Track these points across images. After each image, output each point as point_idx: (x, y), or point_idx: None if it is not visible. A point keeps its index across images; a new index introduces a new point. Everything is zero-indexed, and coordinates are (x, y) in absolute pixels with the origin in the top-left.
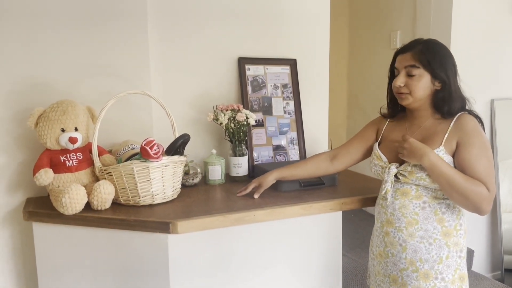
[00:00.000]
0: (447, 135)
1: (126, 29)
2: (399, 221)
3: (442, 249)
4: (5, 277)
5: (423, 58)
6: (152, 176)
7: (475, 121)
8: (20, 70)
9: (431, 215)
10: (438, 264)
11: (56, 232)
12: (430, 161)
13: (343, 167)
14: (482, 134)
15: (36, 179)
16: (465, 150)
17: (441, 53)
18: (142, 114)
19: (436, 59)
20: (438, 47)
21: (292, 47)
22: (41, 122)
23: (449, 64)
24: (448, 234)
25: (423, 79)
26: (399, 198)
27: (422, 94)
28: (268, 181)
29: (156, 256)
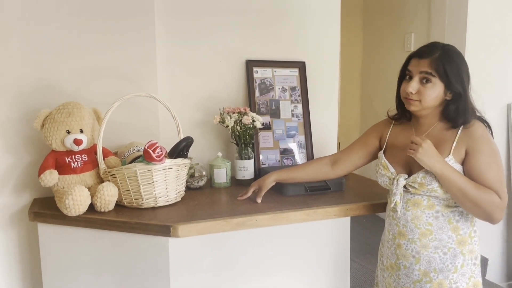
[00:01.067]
0: (455, 143)
1: (134, 32)
2: (412, 233)
3: (457, 257)
4: (12, 276)
5: (440, 68)
6: (155, 178)
7: (483, 127)
8: (28, 72)
9: (445, 224)
10: (453, 273)
11: (60, 232)
12: (442, 168)
13: (344, 172)
14: (490, 140)
15: (41, 180)
16: (474, 158)
17: (458, 63)
18: (149, 117)
19: (454, 70)
20: (455, 56)
21: (301, 49)
22: (47, 123)
23: (464, 75)
24: (463, 242)
25: (437, 88)
26: (411, 209)
27: (432, 104)
28: (267, 183)
29: (157, 259)
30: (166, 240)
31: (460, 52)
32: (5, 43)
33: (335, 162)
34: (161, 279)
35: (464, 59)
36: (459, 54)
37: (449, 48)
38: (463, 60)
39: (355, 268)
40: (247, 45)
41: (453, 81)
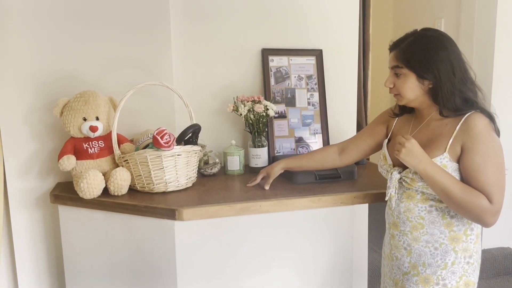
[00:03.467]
0: (452, 140)
1: (150, 23)
2: (404, 225)
3: (449, 254)
4: (38, 252)
5: (404, 57)
6: (165, 164)
7: (485, 122)
8: (51, 63)
9: (438, 219)
10: (442, 269)
11: (78, 214)
12: (426, 169)
13: (351, 161)
14: (489, 138)
15: (60, 164)
16: (468, 158)
17: (427, 49)
18: (165, 105)
19: (419, 58)
20: (424, 42)
21: (318, 37)
22: (65, 111)
23: (438, 60)
24: (456, 239)
25: (409, 79)
26: (404, 201)
27: (412, 95)
28: (275, 171)
29: (164, 241)
30: (172, 223)
31: (437, 37)
32: (29, 35)
33: (342, 150)
34: (167, 260)
35: (439, 43)
36: (432, 39)
37: (420, 34)
38: (437, 45)
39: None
40: (263, 33)
41: (419, 68)
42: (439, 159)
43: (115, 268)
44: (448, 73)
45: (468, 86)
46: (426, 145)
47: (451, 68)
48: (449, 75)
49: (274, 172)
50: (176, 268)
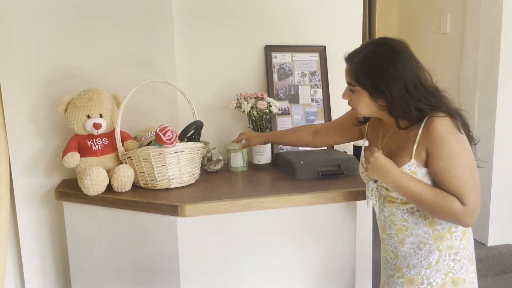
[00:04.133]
0: (416, 146)
1: (152, 20)
2: (390, 229)
3: (433, 253)
4: (43, 249)
5: (355, 76)
6: (168, 161)
7: (444, 123)
8: (56, 61)
9: (420, 219)
10: (426, 269)
11: (82, 210)
12: (394, 180)
13: (322, 145)
14: (450, 139)
15: (64, 161)
16: (433, 162)
17: (377, 68)
18: (169, 102)
19: (369, 77)
20: (373, 61)
21: (322, 34)
22: (70, 109)
23: (388, 79)
24: (440, 238)
25: (362, 97)
26: (387, 206)
27: (368, 111)
28: (255, 141)
29: (166, 237)
30: (174, 219)
31: (386, 53)
32: (34, 34)
33: (316, 133)
34: (170, 255)
35: (389, 60)
36: (382, 56)
37: (370, 50)
38: (387, 63)
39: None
40: (266, 30)
41: (371, 89)
42: (407, 166)
43: (119, 263)
44: (400, 90)
45: (425, 99)
46: (396, 152)
47: (403, 85)
48: (401, 92)
49: (254, 142)
50: (179, 263)
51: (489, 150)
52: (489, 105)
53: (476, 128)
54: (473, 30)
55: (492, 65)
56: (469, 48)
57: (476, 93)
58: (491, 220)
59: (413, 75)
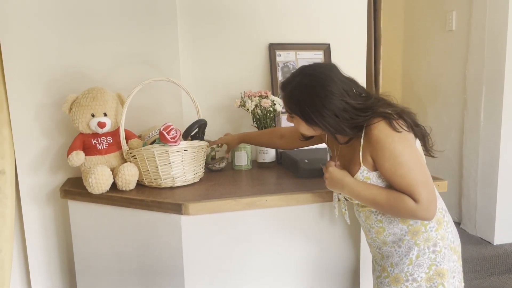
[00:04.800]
0: (361, 153)
1: (157, 19)
2: (370, 232)
3: (411, 249)
4: (49, 248)
5: (288, 106)
6: (172, 159)
7: (380, 127)
8: (61, 60)
9: (393, 218)
10: (408, 265)
11: (87, 209)
12: (350, 191)
13: (290, 147)
14: (387, 141)
15: (69, 160)
16: (379, 166)
17: (304, 103)
18: (173, 101)
19: (299, 111)
20: (299, 96)
21: (326, 31)
22: (74, 108)
23: (316, 111)
24: (416, 232)
25: (300, 123)
26: (361, 211)
27: (310, 133)
28: (233, 144)
29: (171, 235)
30: (178, 218)
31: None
32: (38, 33)
33: (282, 136)
34: (174, 254)
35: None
36: (306, 89)
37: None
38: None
39: None
40: (270, 28)
41: (304, 119)
42: (359, 173)
43: (123, 261)
44: (330, 118)
45: (356, 115)
46: (349, 161)
47: (332, 114)
48: (331, 120)
49: (233, 145)
50: (183, 261)
51: (495, 148)
52: (495, 103)
53: (482, 126)
54: (479, 28)
55: (498, 62)
56: (474, 46)
57: (482, 91)
58: (497, 218)
59: (341, 102)
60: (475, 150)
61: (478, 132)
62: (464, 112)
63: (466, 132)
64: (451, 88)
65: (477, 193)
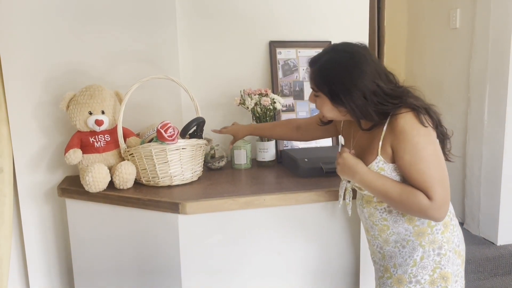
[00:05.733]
0: (381, 142)
1: (156, 16)
2: (373, 229)
3: (416, 250)
4: (48, 246)
5: (316, 83)
6: (169, 158)
7: (407, 117)
8: (59, 58)
9: (399, 217)
10: (411, 267)
11: (84, 207)
12: (361, 180)
13: (305, 139)
14: (413, 133)
15: (66, 158)
16: (398, 157)
17: (335, 78)
18: (172, 99)
19: (328, 87)
20: (331, 70)
21: (327, 29)
22: (72, 105)
23: (346, 89)
24: (421, 234)
25: (325, 103)
26: (366, 206)
27: (332, 115)
28: (240, 135)
29: (168, 234)
30: (175, 217)
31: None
32: (36, 30)
33: (298, 128)
34: (172, 253)
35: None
36: (339, 66)
37: (328, 58)
38: (344, 72)
39: None
40: (270, 25)
41: (331, 98)
42: (375, 163)
43: (121, 260)
44: (359, 99)
45: (385, 101)
46: (365, 150)
47: (361, 95)
48: (360, 101)
49: (240, 136)
50: (180, 261)
51: (499, 147)
52: (499, 101)
53: (486, 125)
54: (483, 25)
55: (502, 60)
56: (478, 43)
57: (486, 89)
58: (500, 218)
59: (372, 84)
60: (479, 149)
61: (482, 131)
62: (467, 110)
63: (469, 131)
64: (454, 86)
65: (480, 193)
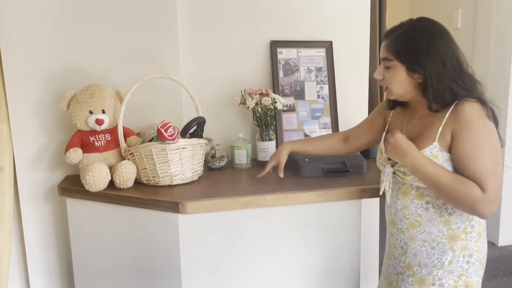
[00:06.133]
0: (441, 128)
1: (156, 15)
2: (401, 223)
3: (446, 253)
4: (48, 246)
5: (395, 49)
6: (170, 157)
7: (475, 107)
8: (59, 57)
9: (435, 216)
10: (438, 269)
11: (84, 207)
12: (412, 162)
13: (354, 149)
14: (479, 123)
15: (66, 157)
16: (458, 145)
17: (418, 40)
18: (173, 98)
19: (409, 50)
20: (415, 33)
21: (328, 28)
22: (72, 104)
23: (429, 54)
24: (454, 238)
25: (398, 72)
26: (401, 198)
27: (402, 89)
28: (282, 156)
29: (168, 234)
30: (176, 216)
31: (430, 29)
32: (37, 30)
33: (346, 139)
34: (172, 252)
35: (432, 36)
36: (425, 31)
37: (413, 24)
38: (429, 38)
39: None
40: (271, 25)
41: (409, 62)
42: (428, 149)
43: (121, 259)
44: (438, 66)
45: (460, 81)
46: (417, 137)
47: (441, 62)
48: (439, 69)
49: (282, 157)
50: (180, 260)
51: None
52: (500, 101)
53: None
54: (485, 25)
55: (503, 60)
56: (480, 44)
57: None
58: (502, 219)
59: (452, 55)
60: None
61: None
62: None
63: None
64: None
65: None
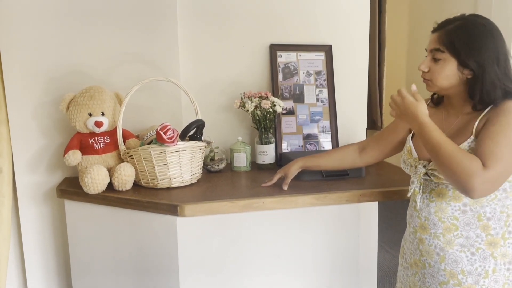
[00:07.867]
0: (478, 121)
1: (156, 18)
2: (435, 227)
3: (487, 260)
4: (46, 247)
5: (449, 41)
6: (169, 160)
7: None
8: (59, 59)
9: (473, 220)
10: (484, 278)
11: (83, 209)
12: (420, 124)
13: (372, 160)
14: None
15: (65, 159)
16: (484, 127)
17: (475, 34)
18: (172, 101)
19: (465, 42)
20: (473, 27)
21: (328, 32)
22: (72, 106)
23: (485, 48)
24: (494, 244)
25: (448, 66)
26: (435, 200)
27: (446, 83)
28: (292, 171)
29: (166, 236)
30: (174, 219)
31: (486, 25)
32: (37, 31)
33: (363, 149)
34: (170, 255)
35: (489, 29)
36: (481, 25)
37: (469, 19)
38: (486, 31)
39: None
40: (271, 28)
41: (463, 54)
42: (466, 143)
43: (119, 262)
44: (493, 63)
45: (509, 79)
46: (456, 133)
47: (496, 59)
48: (493, 66)
49: (292, 172)
50: (178, 263)
51: None
52: None
53: None
54: None
55: None
56: None
57: None
58: None
59: (505, 53)
60: None
61: None
62: None
63: None
64: None
65: None
